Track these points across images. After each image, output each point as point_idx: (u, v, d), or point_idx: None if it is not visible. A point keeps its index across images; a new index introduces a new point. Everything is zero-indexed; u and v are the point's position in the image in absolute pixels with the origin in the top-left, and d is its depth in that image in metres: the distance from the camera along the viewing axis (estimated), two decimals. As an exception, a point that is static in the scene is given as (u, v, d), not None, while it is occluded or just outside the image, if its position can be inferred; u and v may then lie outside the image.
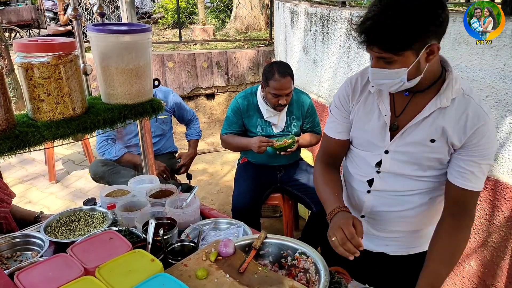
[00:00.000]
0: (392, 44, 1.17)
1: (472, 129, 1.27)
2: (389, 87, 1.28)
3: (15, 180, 4.42)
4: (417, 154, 1.37)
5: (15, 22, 10.49)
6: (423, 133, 1.34)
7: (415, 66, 1.21)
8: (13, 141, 1.37)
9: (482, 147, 1.28)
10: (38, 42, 1.44)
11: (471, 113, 1.28)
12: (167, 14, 8.83)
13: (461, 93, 1.31)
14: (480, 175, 1.31)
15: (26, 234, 1.81)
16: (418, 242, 1.56)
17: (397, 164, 1.41)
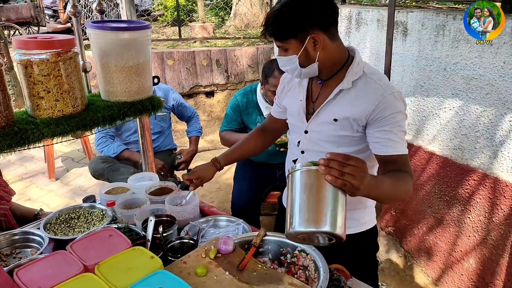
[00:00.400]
0: (277, 32, 1.41)
1: (374, 106, 1.41)
2: (292, 72, 1.49)
3: (14, 177, 4.41)
4: (327, 132, 1.53)
5: (14, 20, 10.47)
6: (329, 113, 1.51)
7: (304, 54, 1.41)
8: (13, 138, 1.37)
9: (388, 118, 1.40)
10: (38, 39, 1.44)
11: (371, 92, 1.43)
12: (166, 11, 8.81)
13: (364, 76, 1.47)
14: (397, 139, 1.41)
15: (26, 231, 1.81)
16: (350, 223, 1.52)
17: (313, 142, 1.59)
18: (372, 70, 1.50)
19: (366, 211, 1.67)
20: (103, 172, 3.06)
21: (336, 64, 1.49)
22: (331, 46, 1.43)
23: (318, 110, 1.54)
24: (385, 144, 1.42)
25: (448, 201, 2.64)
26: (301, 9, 1.36)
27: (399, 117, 1.41)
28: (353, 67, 1.47)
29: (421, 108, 2.74)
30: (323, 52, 1.42)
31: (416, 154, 2.84)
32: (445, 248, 2.71)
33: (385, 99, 1.40)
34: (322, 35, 1.39)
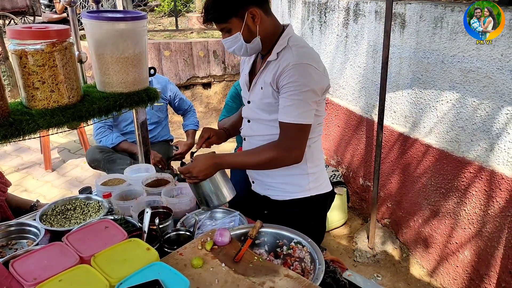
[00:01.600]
0: (217, 17, 1.55)
1: (280, 72, 1.54)
2: (239, 51, 1.61)
3: (10, 168, 4.40)
4: (258, 101, 1.69)
5: (9, 9, 10.37)
6: (259, 83, 1.67)
7: (246, 29, 1.55)
8: (7, 129, 1.36)
9: (288, 86, 1.52)
10: (32, 29, 1.42)
11: (283, 60, 1.55)
12: (163, 2, 8.75)
13: (287, 47, 1.58)
14: (291, 109, 1.53)
15: (22, 222, 1.80)
16: (292, 188, 1.76)
17: (252, 110, 1.74)
18: (298, 42, 1.61)
19: (309, 177, 1.75)
20: (100, 162, 3.05)
21: (272, 38, 1.63)
22: (267, 20, 1.59)
23: (254, 82, 1.70)
24: (280, 111, 1.56)
25: (444, 194, 2.65)
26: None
27: (298, 87, 1.51)
28: (280, 40, 1.61)
29: (418, 101, 2.74)
30: (262, 26, 1.57)
31: (413, 147, 2.84)
32: (441, 240, 2.72)
33: (289, 67, 1.51)
34: (258, 9, 1.54)
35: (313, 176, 1.77)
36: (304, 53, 1.56)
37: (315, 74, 1.52)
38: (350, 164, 3.59)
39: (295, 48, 1.57)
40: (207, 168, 1.64)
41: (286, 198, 1.78)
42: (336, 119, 3.67)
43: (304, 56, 1.54)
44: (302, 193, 1.76)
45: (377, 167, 2.88)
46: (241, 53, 1.63)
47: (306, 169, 1.74)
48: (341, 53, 3.46)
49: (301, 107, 1.52)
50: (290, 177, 1.75)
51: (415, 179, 2.87)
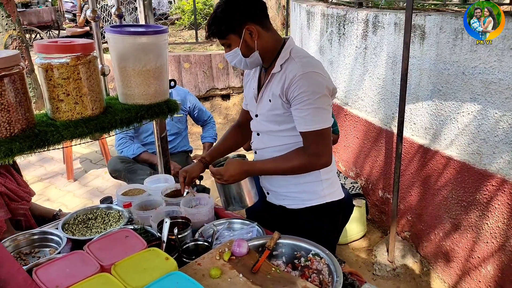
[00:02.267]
0: (218, 31, 1.63)
1: (288, 84, 1.58)
2: (240, 64, 1.69)
3: (34, 178, 4.50)
4: (266, 113, 1.73)
5: (35, 24, 10.69)
6: (266, 95, 1.71)
7: (244, 45, 1.63)
8: (33, 140, 1.41)
9: (300, 96, 1.56)
10: (58, 43, 1.47)
11: (288, 71, 1.60)
12: (184, 15, 8.89)
13: (290, 58, 1.64)
14: (310, 117, 1.57)
15: (45, 231, 1.85)
16: (307, 196, 1.78)
17: (261, 123, 1.78)
18: (299, 52, 1.67)
19: (323, 183, 1.77)
20: (121, 173, 3.11)
21: (273, 51, 1.68)
22: (266, 35, 1.65)
23: (261, 94, 1.75)
24: (298, 122, 1.61)
25: (465, 207, 2.60)
26: (234, 7, 1.60)
27: (310, 95, 1.55)
28: (282, 52, 1.66)
29: (438, 112, 2.71)
30: (260, 41, 1.63)
31: (433, 159, 2.80)
32: (463, 254, 2.66)
33: (296, 78, 1.56)
34: (255, 26, 1.61)
35: (327, 182, 1.79)
36: (308, 62, 1.61)
37: (322, 80, 1.58)
38: (369, 176, 3.56)
39: (298, 59, 1.62)
40: (238, 173, 1.70)
41: (301, 206, 1.79)
42: (355, 130, 3.65)
43: (309, 65, 1.60)
44: (317, 200, 1.78)
45: (397, 179, 2.85)
46: (241, 66, 1.70)
47: (319, 175, 1.75)
48: (360, 64, 3.45)
49: (318, 113, 1.57)
50: (304, 185, 1.77)
51: (435, 191, 2.83)
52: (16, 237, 1.80)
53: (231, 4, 1.62)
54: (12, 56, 1.33)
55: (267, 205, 1.91)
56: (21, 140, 1.37)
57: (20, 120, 1.38)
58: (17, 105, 1.36)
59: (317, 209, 1.78)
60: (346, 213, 2.05)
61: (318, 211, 1.78)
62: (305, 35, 4.58)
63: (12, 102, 1.34)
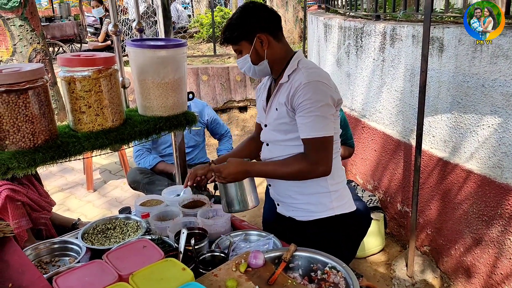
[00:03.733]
0: (231, 37, 1.70)
1: (293, 92, 1.62)
2: (249, 71, 1.75)
3: (55, 188, 4.59)
4: (273, 122, 1.76)
5: (58, 37, 10.98)
6: (274, 105, 1.75)
7: (254, 52, 1.69)
8: (55, 151, 1.44)
9: (303, 104, 1.60)
10: (81, 57, 1.51)
11: (294, 81, 1.65)
12: (202, 28, 9.02)
13: (298, 69, 1.68)
14: (310, 125, 1.61)
15: (65, 240, 1.88)
16: (315, 208, 1.78)
17: (269, 132, 1.81)
18: (307, 64, 1.72)
19: (331, 195, 1.77)
20: (140, 184, 3.15)
21: (282, 62, 1.74)
22: (276, 45, 1.71)
23: (269, 105, 1.79)
24: (300, 129, 1.64)
25: (487, 221, 2.54)
26: (248, 16, 1.68)
27: (313, 104, 1.59)
28: (290, 63, 1.71)
29: (458, 125, 2.68)
30: (270, 50, 1.70)
31: (453, 172, 2.76)
32: (484, 270, 2.60)
33: (301, 86, 1.60)
34: (266, 35, 1.68)
35: (335, 194, 1.78)
36: (313, 73, 1.65)
37: (326, 89, 1.62)
38: (387, 189, 3.52)
39: (304, 70, 1.67)
40: (237, 172, 1.71)
41: (310, 218, 1.79)
42: (373, 143, 3.63)
43: (314, 75, 1.64)
44: (326, 212, 1.77)
45: (416, 193, 2.81)
46: (250, 73, 1.76)
47: (327, 186, 1.76)
48: (378, 77, 3.44)
49: (320, 121, 1.60)
50: (312, 196, 1.77)
51: (455, 205, 2.77)
52: (37, 246, 1.83)
53: (246, 12, 1.70)
54: (37, 69, 1.37)
55: (278, 216, 1.92)
56: (44, 150, 1.41)
57: (44, 131, 1.42)
58: (41, 117, 1.40)
59: (326, 222, 1.77)
60: (363, 226, 2.02)
61: (327, 224, 1.77)
62: (322, 47, 4.59)
63: (36, 114, 1.38)
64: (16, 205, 2.10)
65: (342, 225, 1.82)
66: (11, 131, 1.34)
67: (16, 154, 1.34)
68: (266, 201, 2.87)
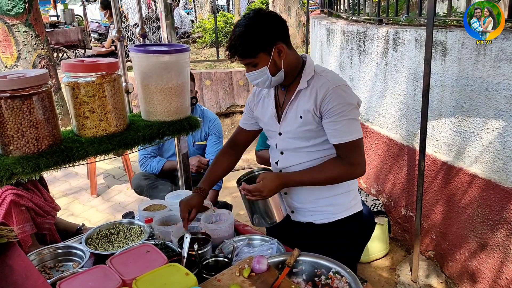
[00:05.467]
0: (247, 52, 1.61)
1: (322, 97, 1.62)
2: (263, 84, 1.69)
3: (59, 193, 4.60)
4: (295, 130, 1.73)
5: (62, 43, 11.04)
6: (294, 112, 1.72)
7: (272, 63, 1.63)
8: (59, 156, 1.44)
9: (332, 109, 1.61)
10: (85, 62, 1.52)
11: (319, 86, 1.64)
12: (205, 33, 9.05)
13: (316, 74, 1.69)
14: (342, 129, 1.62)
15: (68, 245, 1.88)
16: (335, 209, 1.81)
17: (287, 141, 1.79)
18: (322, 68, 1.73)
19: (350, 194, 1.83)
20: (144, 189, 3.15)
21: (295, 70, 1.72)
22: (290, 53, 1.68)
23: (285, 112, 1.76)
24: (332, 134, 1.65)
25: (492, 226, 2.53)
26: (263, 26, 1.60)
27: (343, 107, 1.60)
28: (306, 69, 1.70)
29: (461, 129, 2.67)
30: (286, 59, 1.66)
31: (457, 176, 2.75)
32: (489, 275, 2.58)
33: (329, 92, 1.61)
34: (283, 45, 1.63)
35: (353, 193, 1.84)
36: (335, 77, 1.68)
37: (351, 92, 1.66)
38: (391, 193, 3.51)
39: (324, 74, 1.68)
40: (276, 187, 1.70)
41: (331, 220, 1.82)
42: (376, 147, 3.62)
43: (337, 79, 1.68)
44: (346, 212, 1.82)
45: (420, 197, 2.80)
46: (264, 85, 1.71)
47: (348, 186, 1.81)
48: (381, 81, 3.44)
49: (352, 124, 1.63)
50: (334, 197, 1.80)
51: (460, 210, 2.76)
52: (41, 251, 1.84)
53: (260, 22, 1.61)
54: (41, 75, 1.38)
55: (290, 224, 1.90)
56: (48, 156, 1.41)
57: (48, 136, 1.42)
58: (45, 122, 1.40)
59: (346, 221, 1.82)
60: (367, 230, 2.03)
61: (346, 223, 1.82)
62: (325, 52, 4.60)
63: (40, 119, 1.38)
64: (21, 210, 2.11)
65: (358, 223, 1.88)
66: (15, 136, 1.34)
67: (20, 159, 1.35)
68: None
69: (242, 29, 1.60)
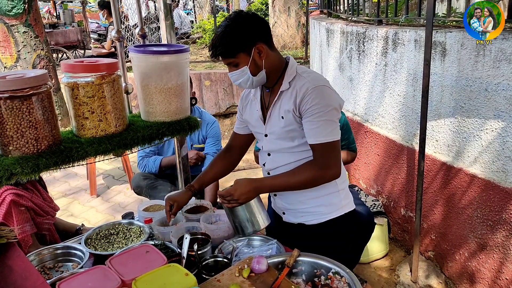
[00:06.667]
0: (227, 52, 1.63)
1: (300, 98, 1.62)
2: (245, 83, 1.69)
3: (58, 193, 4.60)
4: (279, 130, 1.73)
5: (62, 44, 11.04)
6: (277, 113, 1.73)
7: (253, 63, 1.64)
8: (59, 156, 1.44)
9: (312, 109, 1.60)
10: (84, 63, 1.52)
11: (300, 86, 1.64)
12: (205, 34, 9.05)
13: (297, 75, 1.68)
14: (319, 130, 1.61)
15: (68, 245, 1.88)
16: (326, 209, 1.80)
17: (272, 142, 1.78)
18: (304, 69, 1.73)
19: (340, 194, 1.80)
20: (143, 189, 3.15)
21: (277, 70, 1.72)
22: (272, 54, 1.68)
23: (269, 114, 1.76)
24: (308, 134, 1.64)
25: (491, 226, 2.53)
26: (243, 27, 1.62)
27: (321, 108, 1.59)
28: (288, 70, 1.71)
29: (461, 129, 2.67)
30: (267, 60, 1.66)
31: (457, 177, 2.75)
32: (489, 275, 2.58)
33: (308, 91, 1.60)
34: (263, 45, 1.64)
35: (343, 192, 1.82)
36: (316, 77, 1.67)
37: (332, 94, 1.64)
38: (390, 193, 3.51)
39: (306, 74, 1.68)
40: (248, 191, 1.68)
41: (322, 220, 1.80)
42: (376, 147, 3.62)
43: (318, 79, 1.66)
44: (337, 212, 1.80)
45: (419, 197, 2.80)
46: (247, 85, 1.71)
47: (336, 186, 1.79)
48: (380, 81, 3.44)
49: (328, 126, 1.61)
50: (323, 198, 1.78)
51: (460, 210, 2.76)
52: (40, 252, 1.84)
53: (240, 22, 1.63)
54: (40, 76, 1.38)
55: (284, 225, 1.90)
56: (48, 156, 1.41)
57: (47, 137, 1.42)
58: (44, 123, 1.40)
59: (337, 221, 1.80)
60: (367, 231, 2.03)
61: (338, 223, 1.80)
62: (324, 52, 4.60)
63: (40, 120, 1.38)
64: (20, 210, 2.11)
65: (350, 222, 1.85)
66: (14, 136, 1.34)
67: (19, 160, 1.35)
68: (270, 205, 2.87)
69: (223, 29, 1.62)
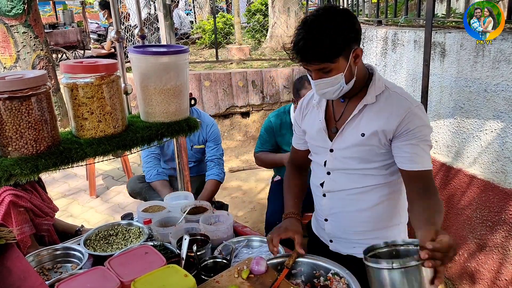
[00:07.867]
0: (326, 55, 1.37)
1: (400, 118, 1.43)
2: (331, 94, 1.47)
3: (58, 194, 4.59)
4: (354, 148, 1.52)
5: (62, 44, 11.05)
6: (355, 129, 1.51)
7: (348, 70, 1.42)
8: (58, 157, 1.44)
9: (414, 131, 1.42)
10: (83, 63, 1.52)
11: (396, 104, 1.46)
12: (204, 34, 9.05)
13: (387, 90, 1.50)
14: (423, 154, 1.43)
15: (67, 246, 1.88)
16: None
17: (340, 160, 1.57)
18: (392, 84, 1.55)
19: (400, 227, 1.66)
20: (140, 191, 3.14)
21: (363, 80, 1.52)
22: (361, 60, 1.48)
23: (343, 127, 1.54)
24: (412, 159, 1.43)
25: (491, 227, 2.53)
26: (342, 27, 1.37)
27: (425, 130, 1.44)
28: (375, 82, 1.50)
29: (460, 130, 2.67)
30: (359, 67, 1.47)
31: (456, 177, 2.75)
32: (489, 276, 2.58)
33: (411, 112, 1.43)
34: (360, 48, 1.44)
35: (403, 226, 1.66)
36: (410, 96, 1.50)
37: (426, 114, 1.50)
38: (390, 194, 3.51)
39: (399, 91, 1.50)
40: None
41: None
42: (375, 148, 3.62)
43: (412, 98, 1.50)
44: None
45: (419, 198, 2.80)
46: (332, 96, 1.48)
47: (400, 217, 1.64)
48: (380, 82, 3.44)
49: (428, 151, 1.45)
50: (385, 230, 1.61)
51: (459, 211, 2.76)
52: (39, 253, 1.84)
53: (339, 22, 1.38)
54: (40, 76, 1.38)
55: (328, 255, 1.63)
56: (47, 157, 1.41)
57: (46, 137, 1.42)
58: (44, 123, 1.40)
59: None
60: None
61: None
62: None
63: (39, 121, 1.38)
64: (19, 211, 2.10)
65: None
66: (13, 137, 1.34)
67: (18, 161, 1.34)
68: (270, 206, 2.87)
69: (319, 28, 1.36)
